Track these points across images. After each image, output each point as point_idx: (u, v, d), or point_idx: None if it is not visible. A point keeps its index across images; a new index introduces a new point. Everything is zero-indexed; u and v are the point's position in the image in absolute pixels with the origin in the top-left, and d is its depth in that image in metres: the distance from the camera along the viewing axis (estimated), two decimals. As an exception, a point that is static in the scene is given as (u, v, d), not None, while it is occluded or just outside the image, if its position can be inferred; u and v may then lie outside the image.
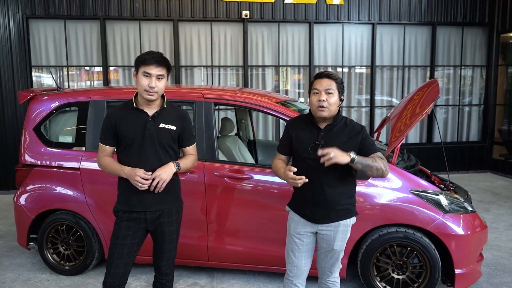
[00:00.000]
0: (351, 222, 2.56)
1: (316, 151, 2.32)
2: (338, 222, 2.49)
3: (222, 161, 3.62)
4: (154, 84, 2.36)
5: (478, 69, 8.26)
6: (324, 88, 2.40)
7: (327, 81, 2.42)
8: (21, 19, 6.66)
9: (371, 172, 2.36)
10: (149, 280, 3.70)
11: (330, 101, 2.39)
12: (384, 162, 2.39)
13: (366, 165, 2.33)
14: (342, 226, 2.50)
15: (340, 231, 2.50)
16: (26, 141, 3.79)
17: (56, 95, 3.89)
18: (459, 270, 3.15)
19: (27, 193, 3.75)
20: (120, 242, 2.44)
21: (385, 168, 2.37)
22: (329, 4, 7.44)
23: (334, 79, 2.43)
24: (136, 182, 2.35)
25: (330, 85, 2.40)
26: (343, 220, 2.50)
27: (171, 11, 7.04)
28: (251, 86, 7.52)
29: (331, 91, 2.39)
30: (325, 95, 2.39)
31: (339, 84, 2.45)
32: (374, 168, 2.34)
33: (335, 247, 2.51)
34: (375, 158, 2.39)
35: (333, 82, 2.42)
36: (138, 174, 2.34)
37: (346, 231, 2.53)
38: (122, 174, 2.42)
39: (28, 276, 3.81)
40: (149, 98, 2.40)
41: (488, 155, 8.30)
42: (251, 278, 3.74)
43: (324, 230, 2.51)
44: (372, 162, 2.34)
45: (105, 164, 2.51)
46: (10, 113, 6.75)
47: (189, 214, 3.03)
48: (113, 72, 7.22)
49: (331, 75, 2.44)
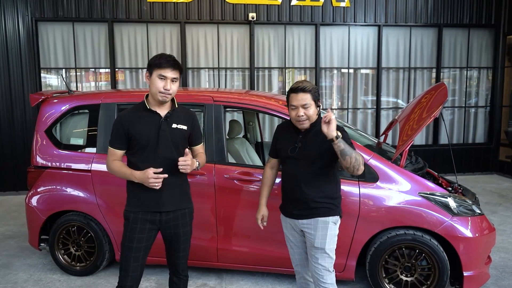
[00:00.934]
0: (332, 220, 2.59)
1: (295, 153, 2.58)
2: (316, 219, 2.57)
3: (232, 163, 3.65)
4: (169, 86, 2.44)
5: (484, 71, 8.25)
6: (300, 104, 2.51)
7: (302, 95, 2.51)
8: (30, 22, 6.73)
9: (349, 159, 2.37)
10: (159, 281, 3.74)
11: (308, 114, 2.52)
12: (362, 159, 2.46)
13: (347, 150, 2.36)
14: (321, 223, 2.56)
15: (319, 227, 2.56)
16: (38, 143, 3.84)
17: (67, 98, 3.94)
18: (468, 272, 3.16)
19: (38, 195, 3.80)
20: (136, 245, 2.48)
21: (362, 162, 2.44)
22: (335, 6, 7.46)
23: (308, 91, 2.52)
24: (152, 182, 2.39)
25: (305, 99, 2.50)
26: (321, 217, 2.57)
27: (178, 14, 7.09)
28: (257, 88, 7.55)
29: (307, 105, 2.51)
30: (302, 110, 2.52)
31: (314, 93, 2.54)
32: (353, 156, 2.38)
33: (315, 244, 2.56)
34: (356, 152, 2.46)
35: (308, 95, 2.51)
36: (151, 176, 2.38)
37: (325, 227, 2.57)
38: (133, 179, 2.45)
39: (40, 276, 3.86)
40: (164, 100, 2.47)
41: (494, 156, 8.29)
42: (259, 280, 3.78)
43: (305, 228, 2.61)
44: (354, 151, 2.41)
45: (115, 169, 2.51)
46: (20, 115, 6.82)
47: (198, 215, 3.07)
48: (120, 73, 7.27)
49: (305, 88, 2.52)
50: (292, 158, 2.62)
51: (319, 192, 2.57)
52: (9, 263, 4.16)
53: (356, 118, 7.97)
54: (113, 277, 3.79)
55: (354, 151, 2.40)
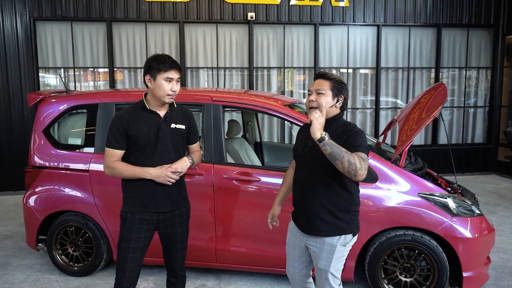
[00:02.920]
0: (341, 242, 2.30)
1: (304, 153, 2.33)
2: (323, 239, 2.30)
3: (230, 163, 3.64)
4: (176, 87, 2.46)
5: (483, 71, 8.25)
6: (315, 88, 2.31)
7: (319, 81, 2.32)
8: (28, 21, 6.71)
9: (340, 163, 2.03)
10: (157, 282, 3.72)
11: (319, 101, 2.26)
12: (362, 163, 2.05)
13: (337, 153, 2.03)
14: (327, 245, 2.29)
15: (324, 249, 2.30)
16: (36, 143, 3.82)
17: (65, 97, 3.92)
18: (467, 273, 3.16)
19: (36, 195, 3.78)
20: (133, 245, 2.47)
21: (360, 166, 2.02)
22: (335, 6, 7.45)
23: (329, 79, 2.31)
24: (169, 178, 2.42)
25: (322, 86, 2.29)
26: (328, 237, 2.29)
27: (177, 13, 7.07)
28: (256, 88, 7.54)
29: (321, 91, 2.28)
30: (315, 95, 2.30)
31: (335, 83, 2.30)
32: (345, 161, 2.02)
33: (319, 265, 2.33)
34: (354, 155, 2.07)
35: (327, 82, 2.29)
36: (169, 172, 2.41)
37: (331, 251, 2.29)
38: (147, 176, 2.42)
39: (37, 277, 3.84)
40: (170, 101, 2.49)
41: (493, 157, 8.29)
42: (258, 280, 3.76)
43: (311, 245, 2.37)
44: (347, 154, 2.04)
45: (120, 168, 2.44)
46: (17, 114, 6.80)
47: (197, 215, 3.06)
48: (119, 73, 7.25)
49: (326, 75, 2.33)
50: (301, 160, 2.39)
51: (325, 203, 2.28)
52: (6, 263, 4.14)
53: (355, 118, 7.96)
54: (111, 277, 3.77)
55: (349, 155, 2.04)
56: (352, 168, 2.02)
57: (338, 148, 2.05)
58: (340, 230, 2.29)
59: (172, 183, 2.46)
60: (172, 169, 2.43)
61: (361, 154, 2.11)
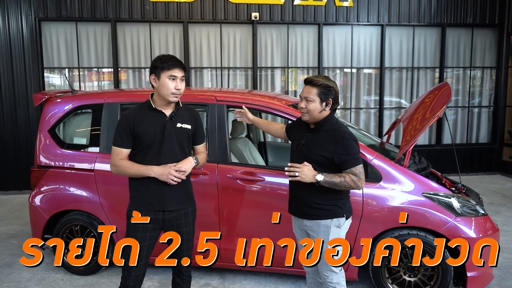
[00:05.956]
0: (335, 224, 2.52)
1: (298, 149, 2.56)
2: (318, 222, 2.52)
3: (235, 163, 3.65)
4: (180, 86, 2.48)
5: (487, 71, 8.22)
6: (303, 95, 2.51)
7: (307, 88, 2.51)
8: (34, 21, 6.74)
9: (339, 188, 2.42)
10: (162, 280, 3.74)
11: (308, 108, 2.48)
12: (355, 178, 2.40)
13: (333, 184, 2.39)
14: (322, 227, 2.51)
15: (320, 231, 2.52)
16: (41, 142, 3.85)
17: (70, 97, 3.95)
18: (471, 273, 3.15)
19: (42, 194, 3.81)
20: (139, 244, 2.48)
21: (355, 184, 2.40)
22: (338, 5, 7.45)
23: (316, 86, 2.47)
24: (172, 177, 2.42)
25: (309, 93, 2.48)
26: (323, 219, 2.51)
27: (181, 13, 7.09)
28: (260, 88, 7.55)
29: (309, 98, 2.47)
30: (304, 103, 2.50)
31: (322, 90, 2.47)
32: (342, 186, 2.40)
33: None
34: (345, 175, 2.40)
35: (313, 89, 2.47)
36: (172, 170, 2.41)
37: (327, 232, 2.51)
38: (151, 174, 2.44)
39: (43, 275, 3.86)
40: (175, 100, 2.49)
41: (498, 157, 8.26)
42: (262, 279, 3.77)
43: (309, 230, 2.58)
44: (340, 180, 2.38)
45: (126, 167, 2.47)
46: (23, 114, 6.84)
47: (201, 215, 3.06)
48: (123, 73, 7.28)
49: (312, 81, 2.49)
50: (295, 155, 2.60)
51: (319, 193, 2.49)
52: (12, 262, 4.17)
53: (359, 118, 7.95)
54: (116, 276, 3.80)
55: (344, 180, 2.38)
56: (351, 187, 2.42)
57: (333, 180, 2.38)
58: (332, 213, 2.52)
59: (177, 183, 2.47)
60: (176, 168, 2.44)
61: (355, 170, 2.41)
